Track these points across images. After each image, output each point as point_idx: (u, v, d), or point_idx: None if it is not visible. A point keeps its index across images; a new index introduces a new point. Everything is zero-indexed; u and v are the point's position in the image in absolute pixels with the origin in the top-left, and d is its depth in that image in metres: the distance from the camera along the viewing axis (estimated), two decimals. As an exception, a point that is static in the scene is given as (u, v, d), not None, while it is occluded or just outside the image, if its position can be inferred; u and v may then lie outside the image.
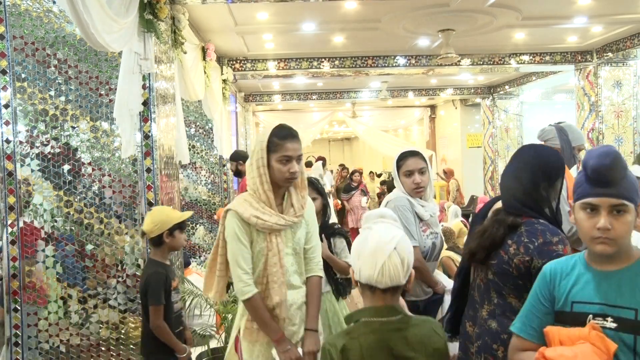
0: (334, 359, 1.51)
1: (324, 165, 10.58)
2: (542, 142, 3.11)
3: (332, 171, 12.97)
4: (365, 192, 9.76)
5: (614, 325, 1.38)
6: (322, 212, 2.87)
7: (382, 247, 1.52)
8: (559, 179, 1.93)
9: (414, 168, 2.74)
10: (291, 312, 2.18)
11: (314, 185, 2.82)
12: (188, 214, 2.89)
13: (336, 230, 2.90)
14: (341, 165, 13.33)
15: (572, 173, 2.92)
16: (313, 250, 2.31)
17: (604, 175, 1.41)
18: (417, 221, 2.74)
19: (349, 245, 2.84)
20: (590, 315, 1.42)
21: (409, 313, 1.65)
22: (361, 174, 10.44)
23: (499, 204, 2.05)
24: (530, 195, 1.87)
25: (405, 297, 2.20)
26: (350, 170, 11.12)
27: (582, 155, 2.96)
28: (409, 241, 1.60)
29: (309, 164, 10.78)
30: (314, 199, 2.59)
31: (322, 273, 2.32)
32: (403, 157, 2.82)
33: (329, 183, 10.33)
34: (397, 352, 1.49)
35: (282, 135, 2.15)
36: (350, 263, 1.65)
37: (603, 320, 1.39)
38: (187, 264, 4.30)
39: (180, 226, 2.80)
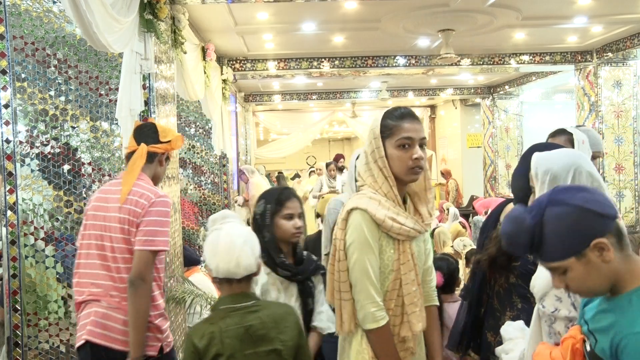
0: (195, 344, 1.67)
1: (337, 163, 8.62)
2: None
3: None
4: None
5: (588, 348, 1.24)
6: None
7: (234, 242, 1.69)
8: None
9: None
10: (420, 346, 1.82)
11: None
12: None
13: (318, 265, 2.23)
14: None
15: None
16: (431, 271, 1.91)
17: (516, 248, 1.29)
18: None
19: None
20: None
21: (261, 298, 1.91)
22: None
23: (510, 207, 2.00)
24: None
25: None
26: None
27: (597, 162, 2.96)
28: (254, 235, 1.78)
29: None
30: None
31: (437, 302, 1.96)
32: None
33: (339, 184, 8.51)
34: (252, 331, 1.69)
35: (398, 114, 1.76)
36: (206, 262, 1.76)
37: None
38: (196, 262, 4.25)
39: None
